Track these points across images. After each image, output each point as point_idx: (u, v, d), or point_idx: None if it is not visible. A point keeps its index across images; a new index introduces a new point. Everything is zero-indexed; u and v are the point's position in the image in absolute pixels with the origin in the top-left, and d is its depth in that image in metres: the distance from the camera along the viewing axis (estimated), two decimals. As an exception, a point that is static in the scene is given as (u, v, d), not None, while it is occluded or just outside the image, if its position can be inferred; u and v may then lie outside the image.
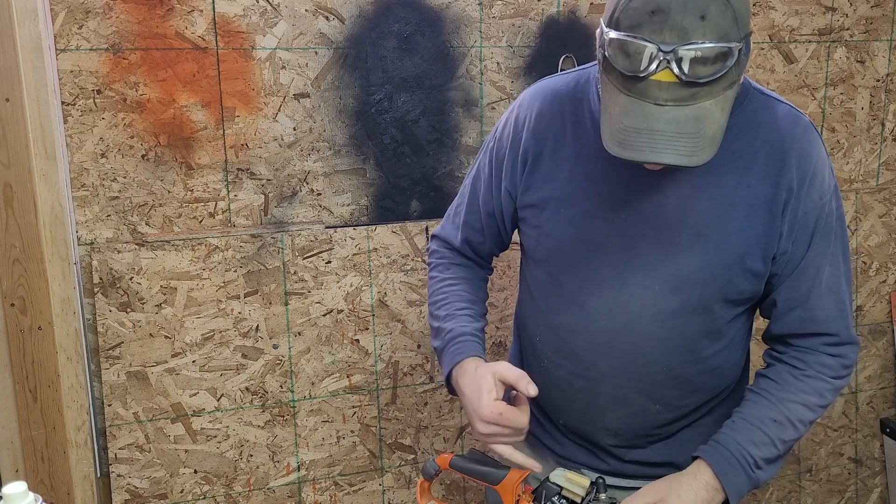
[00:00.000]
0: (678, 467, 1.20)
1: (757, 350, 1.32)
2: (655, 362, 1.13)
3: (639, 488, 1.21)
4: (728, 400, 1.23)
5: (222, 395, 1.74)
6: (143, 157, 1.63)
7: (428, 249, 1.37)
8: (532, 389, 1.08)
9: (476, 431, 1.10)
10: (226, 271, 1.70)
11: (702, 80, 0.90)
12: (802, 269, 1.10)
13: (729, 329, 1.15)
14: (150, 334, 1.67)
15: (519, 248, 1.31)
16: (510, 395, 1.14)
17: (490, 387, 1.09)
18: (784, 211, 1.07)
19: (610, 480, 1.22)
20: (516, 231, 1.29)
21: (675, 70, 0.89)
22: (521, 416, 1.09)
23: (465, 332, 1.20)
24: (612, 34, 0.93)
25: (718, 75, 0.90)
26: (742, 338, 1.20)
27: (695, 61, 0.89)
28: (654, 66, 0.90)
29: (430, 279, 1.33)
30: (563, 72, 1.24)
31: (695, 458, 1.12)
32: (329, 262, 1.77)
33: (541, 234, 1.18)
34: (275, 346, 1.76)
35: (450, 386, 1.20)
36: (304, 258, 1.75)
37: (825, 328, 1.12)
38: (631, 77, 0.92)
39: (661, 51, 0.89)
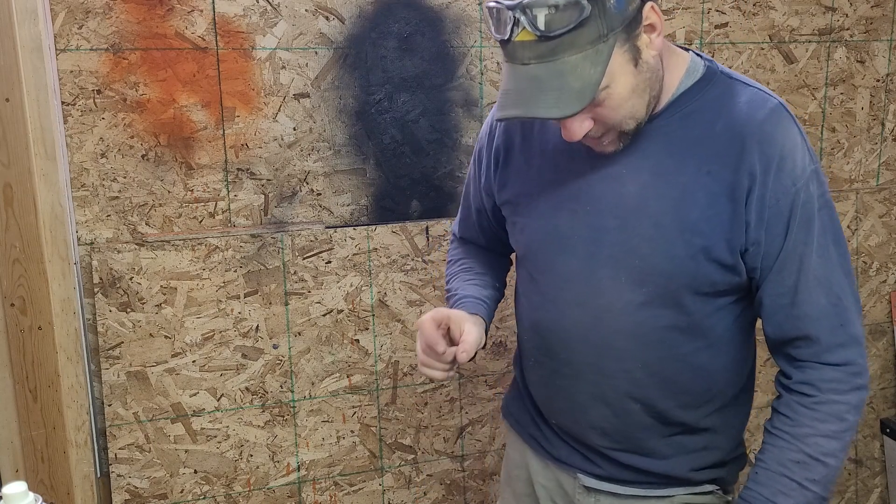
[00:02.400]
0: (679, 480, 1.17)
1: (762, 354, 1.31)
2: (629, 358, 1.10)
3: (638, 497, 1.18)
4: (729, 409, 1.18)
5: (222, 395, 1.74)
6: (143, 157, 1.63)
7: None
8: (463, 356, 1.11)
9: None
10: (226, 271, 1.70)
11: (556, 33, 0.91)
12: (783, 261, 1.03)
13: (710, 326, 1.09)
14: (150, 334, 1.67)
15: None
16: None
17: (438, 320, 1.14)
18: (748, 198, 1.02)
19: (606, 487, 1.20)
20: None
21: (530, 27, 0.92)
22: (438, 342, 1.12)
23: (469, 295, 1.25)
24: (487, 5, 0.98)
25: (572, 26, 0.91)
26: (731, 338, 1.13)
27: (548, 16, 0.91)
28: (510, 27, 0.93)
29: (445, 272, 1.39)
30: None
31: None
32: (329, 262, 1.77)
33: (516, 230, 1.20)
34: (275, 346, 1.76)
35: None
36: (304, 258, 1.75)
37: (816, 327, 1.04)
38: (503, 43, 0.97)
39: (510, 9, 0.93)
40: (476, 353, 1.18)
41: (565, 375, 1.16)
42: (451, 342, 1.14)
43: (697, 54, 1.10)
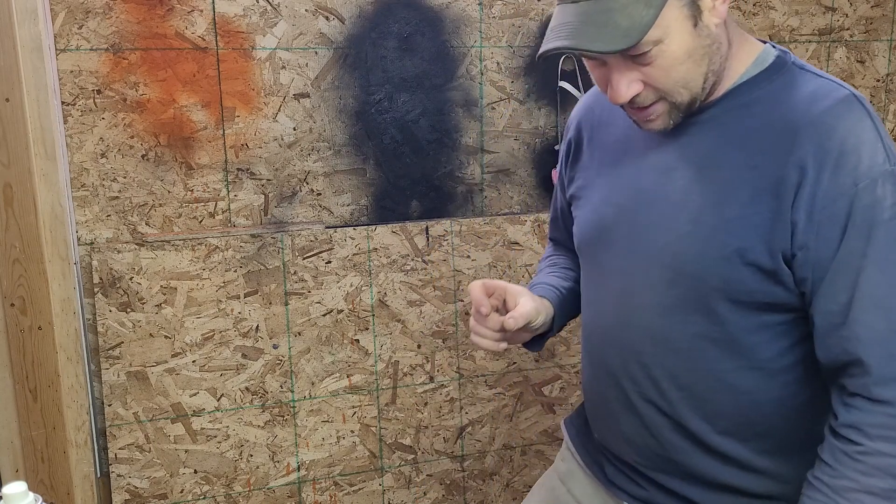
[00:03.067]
0: None
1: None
2: (656, 365, 1.02)
3: None
4: (799, 455, 0.99)
5: (222, 395, 1.74)
6: (143, 157, 1.63)
7: None
8: (510, 322, 1.04)
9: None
10: (226, 271, 1.70)
11: None
12: (835, 272, 0.90)
13: (752, 344, 0.97)
14: (150, 334, 1.67)
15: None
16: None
17: (491, 287, 1.08)
18: (797, 196, 0.90)
19: None
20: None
21: None
22: (483, 304, 1.06)
23: (543, 282, 1.21)
24: None
25: None
26: (789, 368, 0.98)
27: None
28: None
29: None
30: None
31: None
32: (329, 262, 1.77)
33: (576, 225, 1.16)
34: (275, 346, 1.76)
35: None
36: (304, 258, 1.75)
37: (867, 352, 0.89)
38: None
39: None
40: (541, 341, 1.16)
41: (600, 379, 1.11)
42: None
43: (773, 46, 1.02)
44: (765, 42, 1.02)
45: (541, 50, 0.93)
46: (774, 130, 0.94)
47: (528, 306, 1.07)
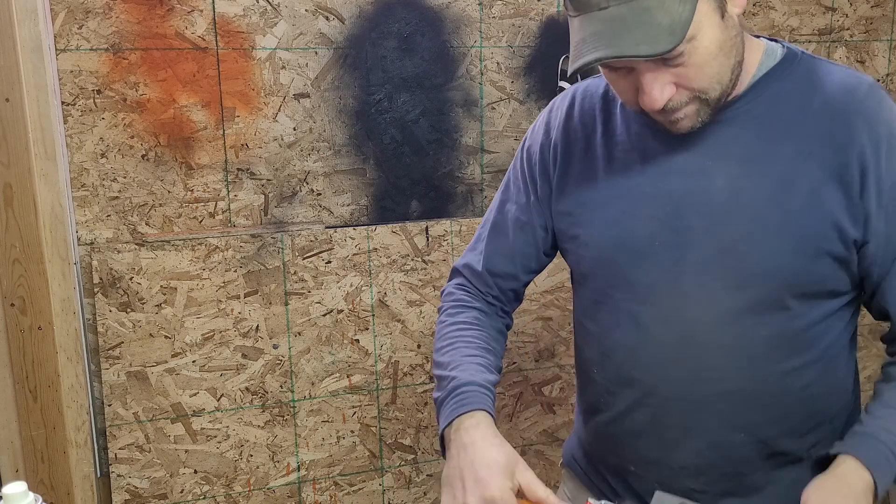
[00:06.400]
0: None
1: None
2: (727, 378, 0.97)
3: None
4: (844, 430, 1.02)
5: (222, 395, 1.74)
6: (143, 157, 1.63)
7: (443, 292, 1.19)
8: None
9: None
10: (226, 271, 1.70)
11: None
12: None
13: (817, 335, 0.97)
14: (150, 334, 1.67)
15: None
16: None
17: (508, 472, 0.90)
18: (864, 183, 0.90)
19: None
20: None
21: None
22: None
23: (473, 382, 1.00)
24: None
25: None
26: (839, 354, 1.00)
27: None
28: None
29: (437, 324, 1.14)
30: (597, 75, 1.08)
31: (833, 456, 0.95)
32: (329, 262, 1.77)
33: (579, 245, 1.06)
34: (275, 346, 1.76)
35: (443, 444, 0.99)
36: (304, 258, 1.75)
37: None
38: None
39: None
40: None
41: (649, 406, 1.02)
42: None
43: (768, 38, 1.01)
44: (758, 36, 1.01)
45: (576, 64, 0.87)
46: (823, 117, 0.93)
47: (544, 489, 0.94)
